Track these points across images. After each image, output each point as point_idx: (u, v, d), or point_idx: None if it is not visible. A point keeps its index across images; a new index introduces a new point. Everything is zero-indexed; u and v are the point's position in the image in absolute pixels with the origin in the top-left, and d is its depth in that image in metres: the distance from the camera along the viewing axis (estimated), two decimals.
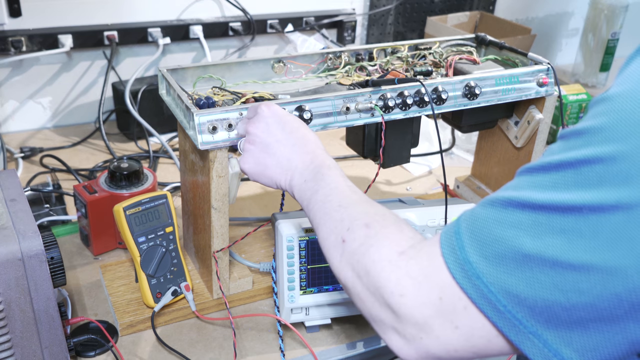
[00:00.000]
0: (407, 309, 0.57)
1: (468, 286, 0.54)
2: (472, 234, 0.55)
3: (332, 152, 1.50)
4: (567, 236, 0.49)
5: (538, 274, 0.51)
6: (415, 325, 0.57)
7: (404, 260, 0.59)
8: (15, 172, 0.89)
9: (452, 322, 0.55)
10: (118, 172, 1.08)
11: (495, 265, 0.53)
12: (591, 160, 0.50)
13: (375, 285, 0.60)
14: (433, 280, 0.56)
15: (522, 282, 0.51)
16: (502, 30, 1.83)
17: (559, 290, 0.50)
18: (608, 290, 0.48)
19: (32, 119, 1.57)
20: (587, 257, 0.48)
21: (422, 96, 0.99)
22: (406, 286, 0.57)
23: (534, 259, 0.51)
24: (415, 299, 0.57)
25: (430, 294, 0.56)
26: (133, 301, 0.99)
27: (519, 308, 0.52)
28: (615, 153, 0.48)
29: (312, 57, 1.11)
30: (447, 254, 0.56)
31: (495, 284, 0.53)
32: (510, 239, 0.52)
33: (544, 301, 0.51)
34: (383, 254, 0.60)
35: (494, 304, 0.53)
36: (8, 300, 0.75)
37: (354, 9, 1.81)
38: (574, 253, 0.49)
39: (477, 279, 0.54)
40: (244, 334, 0.98)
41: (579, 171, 0.50)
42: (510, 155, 1.23)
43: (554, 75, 1.11)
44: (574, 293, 0.49)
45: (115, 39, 1.52)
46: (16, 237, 0.75)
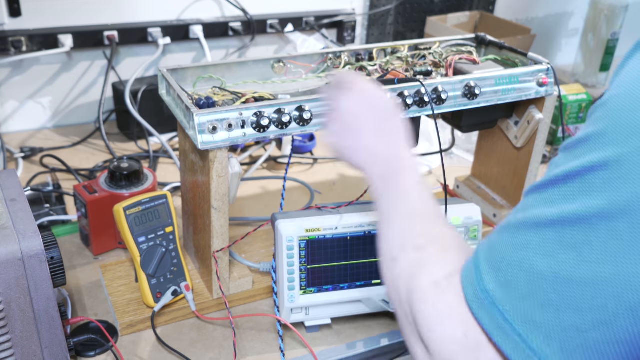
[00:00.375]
0: (435, 345, 0.56)
1: (484, 317, 0.53)
2: (489, 262, 0.54)
3: None
4: (577, 250, 0.48)
5: (551, 294, 0.49)
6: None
7: (435, 294, 0.57)
8: (15, 172, 0.89)
9: (477, 359, 0.54)
10: (118, 172, 1.09)
11: (510, 291, 0.51)
12: (594, 166, 0.48)
13: (412, 316, 0.58)
14: (457, 316, 0.55)
15: (536, 306, 0.49)
16: (502, 30, 1.83)
17: (572, 310, 0.48)
18: (623, 305, 0.46)
19: (32, 119, 1.57)
20: (599, 270, 0.47)
21: (421, 96, 1.00)
22: (435, 321, 0.56)
23: (546, 279, 0.49)
24: (443, 334, 0.55)
25: (455, 330, 0.55)
26: (133, 301, 0.99)
27: (534, 336, 0.49)
28: (615, 156, 0.47)
29: (312, 57, 1.11)
30: (467, 286, 0.55)
31: (511, 311, 0.51)
32: (523, 262, 0.51)
33: (558, 324, 0.48)
34: (422, 283, 0.59)
35: (508, 334, 0.51)
36: (8, 300, 0.75)
37: (354, 9, 1.81)
38: (586, 267, 0.47)
39: (493, 308, 0.52)
40: (244, 334, 0.98)
41: (584, 179, 0.49)
42: (510, 155, 1.23)
43: (553, 75, 1.11)
44: (588, 312, 0.47)
45: (115, 39, 1.52)
46: (16, 237, 0.75)
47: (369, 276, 0.97)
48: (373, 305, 0.98)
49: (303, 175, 1.42)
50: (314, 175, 1.43)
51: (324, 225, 0.93)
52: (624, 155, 0.47)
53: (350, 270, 0.96)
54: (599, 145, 0.49)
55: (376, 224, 0.69)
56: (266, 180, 1.39)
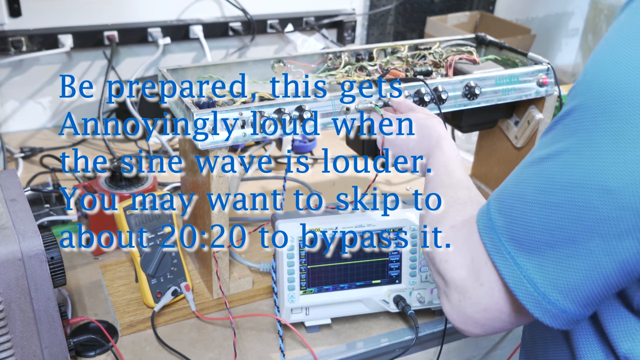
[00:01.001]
0: (448, 273, 0.66)
1: (487, 239, 0.62)
2: (497, 196, 0.63)
3: (332, 152, 1.50)
4: (552, 180, 0.57)
5: (532, 217, 0.58)
6: (456, 289, 0.65)
7: (452, 233, 0.68)
8: (15, 172, 0.89)
9: (478, 279, 0.63)
10: (118, 172, 1.09)
11: (506, 217, 0.61)
12: (567, 111, 0.58)
13: (431, 254, 0.69)
14: (468, 244, 0.65)
15: (521, 228, 0.59)
16: (502, 30, 1.83)
17: (546, 229, 0.57)
18: (582, 225, 0.55)
19: (32, 119, 1.57)
20: (564, 196, 0.56)
21: (422, 96, 1.00)
22: (449, 253, 0.66)
23: (530, 204, 0.59)
24: (455, 262, 0.65)
25: (465, 256, 0.64)
26: (133, 301, 0.99)
27: (519, 253, 0.59)
28: (577, 104, 0.57)
29: (312, 57, 1.11)
30: (479, 217, 0.64)
31: (505, 233, 0.60)
32: (518, 193, 0.60)
33: (536, 242, 0.58)
34: (440, 228, 0.70)
35: (501, 252, 0.60)
36: (8, 300, 0.75)
37: (354, 9, 1.81)
38: (555, 194, 0.57)
39: (493, 231, 0.61)
40: (244, 334, 0.98)
41: (562, 123, 0.59)
42: (510, 155, 1.23)
43: (554, 75, 1.11)
44: (557, 231, 0.57)
45: (115, 39, 1.52)
46: (16, 237, 0.75)
47: (369, 276, 0.97)
48: (373, 305, 0.98)
49: (303, 175, 1.42)
50: (314, 175, 1.43)
51: (324, 226, 0.93)
52: (581, 103, 0.57)
53: (350, 270, 0.96)
54: (573, 95, 0.59)
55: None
56: (266, 180, 1.39)
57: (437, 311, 1.02)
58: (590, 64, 0.59)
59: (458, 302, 0.64)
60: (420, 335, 0.98)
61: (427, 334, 1.00)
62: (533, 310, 0.58)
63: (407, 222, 0.96)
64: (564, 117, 0.59)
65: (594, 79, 0.57)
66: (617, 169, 0.53)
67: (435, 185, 0.78)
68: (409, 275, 0.97)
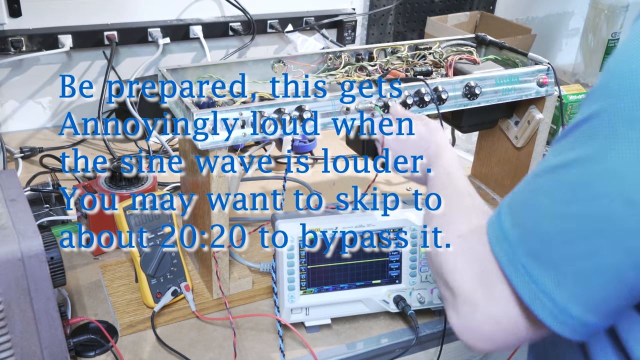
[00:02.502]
0: (456, 283, 0.63)
1: (499, 251, 0.59)
2: (509, 205, 0.61)
3: (332, 152, 1.50)
4: (571, 189, 0.54)
5: (549, 228, 0.55)
6: (466, 301, 0.61)
7: (459, 242, 0.65)
8: (15, 172, 0.89)
9: (490, 291, 0.60)
10: (118, 172, 1.08)
11: (520, 228, 0.58)
12: (585, 118, 0.55)
13: (437, 265, 0.67)
14: (477, 254, 0.62)
15: (537, 239, 0.56)
16: (502, 30, 1.82)
17: (564, 241, 0.54)
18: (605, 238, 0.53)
19: (32, 119, 1.57)
20: (583, 207, 0.54)
21: (422, 96, 1.00)
22: (457, 263, 0.64)
23: (546, 215, 0.56)
24: (463, 273, 0.62)
25: (474, 267, 0.62)
26: (133, 301, 0.99)
27: (534, 265, 0.56)
28: (596, 110, 0.54)
29: (312, 57, 1.11)
30: (490, 227, 0.62)
31: (518, 245, 0.57)
32: (532, 203, 0.58)
33: (553, 255, 0.55)
34: (446, 238, 0.67)
35: (515, 265, 0.57)
36: (8, 300, 0.75)
37: (354, 9, 1.81)
38: (574, 204, 0.54)
39: (506, 243, 0.59)
40: (244, 334, 0.98)
41: (579, 129, 0.56)
42: (510, 155, 1.23)
43: (554, 75, 1.11)
44: (577, 243, 0.54)
45: (115, 38, 1.52)
46: (16, 237, 0.75)
47: (369, 276, 0.97)
48: (373, 305, 0.98)
49: (303, 175, 1.42)
50: (314, 175, 1.43)
51: (324, 226, 0.93)
52: (601, 109, 0.54)
53: (350, 270, 0.96)
54: (591, 100, 0.56)
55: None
56: (266, 180, 1.39)
57: (437, 311, 1.02)
58: (611, 70, 0.56)
59: (467, 315, 0.61)
60: (420, 336, 0.98)
61: (427, 334, 1.00)
62: (552, 325, 0.56)
63: (407, 222, 0.96)
64: (582, 124, 0.56)
65: (616, 84, 0.53)
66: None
67: (439, 193, 0.77)
68: (409, 275, 0.97)
